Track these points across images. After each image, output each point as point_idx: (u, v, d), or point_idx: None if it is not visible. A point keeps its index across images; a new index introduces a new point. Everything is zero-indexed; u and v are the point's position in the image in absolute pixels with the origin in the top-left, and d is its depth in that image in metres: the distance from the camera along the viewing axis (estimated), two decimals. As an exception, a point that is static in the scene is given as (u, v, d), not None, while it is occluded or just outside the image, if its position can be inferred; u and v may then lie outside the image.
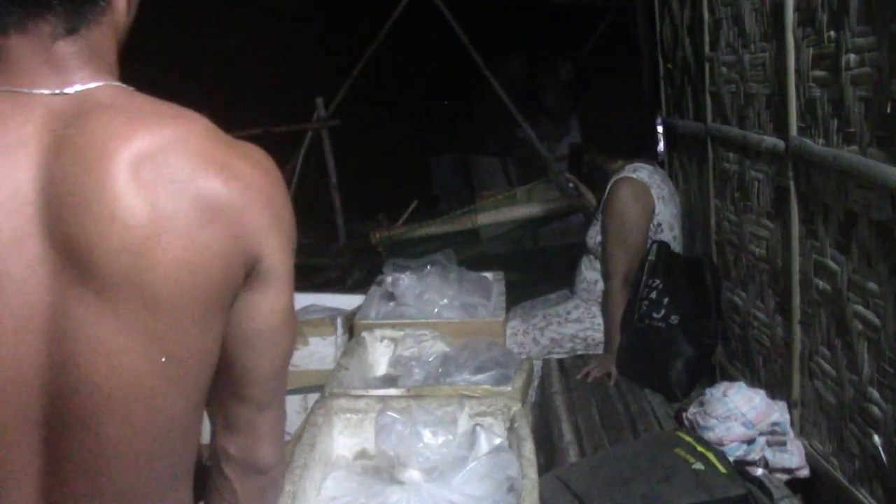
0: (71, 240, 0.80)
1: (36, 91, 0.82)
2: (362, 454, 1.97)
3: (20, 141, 0.79)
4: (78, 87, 0.83)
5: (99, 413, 0.83)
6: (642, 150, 3.11)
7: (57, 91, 0.83)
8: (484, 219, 4.62)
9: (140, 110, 0.85)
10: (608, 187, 3.04)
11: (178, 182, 0.82)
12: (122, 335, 0.81)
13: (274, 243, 0.90)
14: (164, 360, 0.83)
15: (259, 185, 0.89)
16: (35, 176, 0.79)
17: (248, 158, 0.89)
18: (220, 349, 0.90)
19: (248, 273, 0.89)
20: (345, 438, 1.98)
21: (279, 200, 0.91)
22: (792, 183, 2.20)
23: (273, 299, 0.92)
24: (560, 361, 3.07)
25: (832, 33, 1.90)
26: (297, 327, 1.00)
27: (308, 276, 4.51)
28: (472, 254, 4.44)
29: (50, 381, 0.81)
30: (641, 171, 2.99)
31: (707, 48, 2.86)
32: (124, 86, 0.89)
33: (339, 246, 5.92)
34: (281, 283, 0.92)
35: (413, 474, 1.74)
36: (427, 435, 1.77)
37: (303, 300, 3.13)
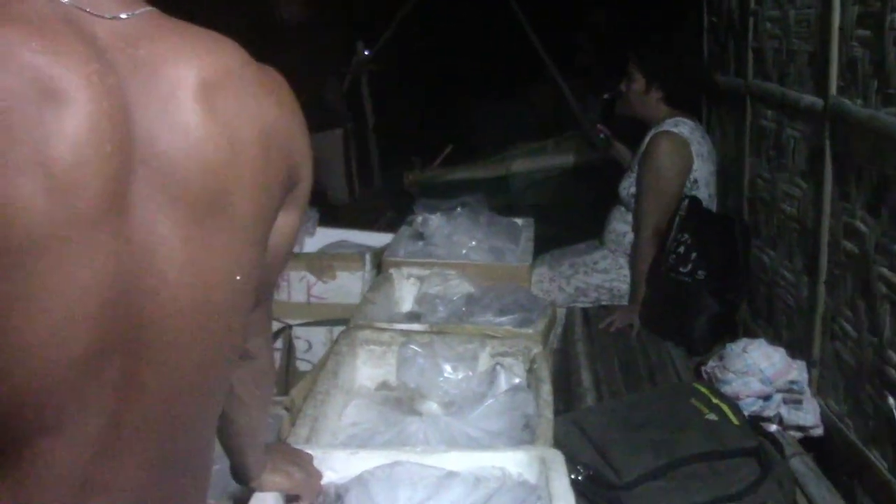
0: (161, 161, 0.80)
1: (97, 14, 0.80)
2: (384, 385, 2.03)
3: (98, 57, 0.77)
4: (131, 13, 0.82)
5: (182, 335, 0.84)
6: (694, 102, 3.09)
7: (114, 16, 0.81)
8: (518, 166, 4.62)
9: (192, 35, 0.86)
10: (647, 139, 3.02)
11: (248, 111, 0.86)
12: (210, 257, 0.83)
13: (308, 166, 0.96)
14: (238, 278, 0.87)
15: (297, 110, 0.94)
16: (121, 99, 0.78)
17: (283, 83, 0.94)
18: None
19: (287, 194, 0.93)
20: (368, 369, 2.04)
21: (306, 125, 0.95)
22: (828, 143, 2.18)
23: (296, 219, 0.97)
24: (584, 310, 3.09)
25: (879, -9, 1.88)
26: None
27: (341, 216, 4.55)
28: (502, 202, 4.44)
29: (133, 303, 0.80)
30: (683, 126, 2.97)
31: (752, 2, 2.82)
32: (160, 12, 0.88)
33: (373, 188, 5.96)
34: (305, 204, 0.98)
35: (432, 406, 1.79)
36: (448, 370, 1.82)
37: (333, 236, 3.18)
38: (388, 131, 6.03)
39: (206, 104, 0.82)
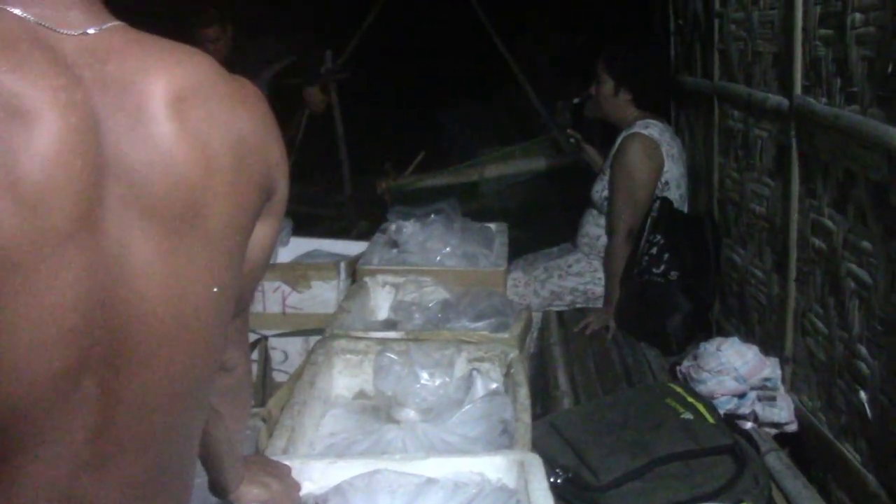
0: (132, 175, 0.80)
1: (65, 31, 0.80)
2: (361, 394, 2.03)
3: (65, 73, 0.77)
4: (98, 28, 0.82)
5: (160, 349, 0.83)
6: (663, 104, 3.13)
7: (82, 31, 0.81)
8: (490, 171, 4.63)
9: (162, 48, 0.86)
10: (618, 142, 3.05)
11: (220, 122, 0.85)
12: (186, 269, 0.83)
13: (285, 176, 0.96)
14: (216, 290, 0.87)
15: (272, 120, 0.94)
16: (89, 114, 0.78)
17: (256, 94, 0.94)
18: None
19: (263, 205, 0.93)
20: (344, 378, 2.03)
21: (280, 134, 0.95)
22: (794, 141, 2.21)
23: (273, 229, 0.97)
24: (559, 314, 3.11)
25: (840, -9, 1.90)
26: None
27: (313, 225, 4.55)
28: (475, 207, 4.45)
29: (110, 319, 0.80)
30: (653, 128, 3.00)
31: (717, 4, 2.85)
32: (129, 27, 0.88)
33: (344, 197, 5.95)
34: (282, 214, 0.98)
35: (409, 414, 1.79)
36: (424, 377, 1.81)
37: (307, 245, 3.18)
38: (360, 140, 6.02)
39: (177, 117, 0.82)
